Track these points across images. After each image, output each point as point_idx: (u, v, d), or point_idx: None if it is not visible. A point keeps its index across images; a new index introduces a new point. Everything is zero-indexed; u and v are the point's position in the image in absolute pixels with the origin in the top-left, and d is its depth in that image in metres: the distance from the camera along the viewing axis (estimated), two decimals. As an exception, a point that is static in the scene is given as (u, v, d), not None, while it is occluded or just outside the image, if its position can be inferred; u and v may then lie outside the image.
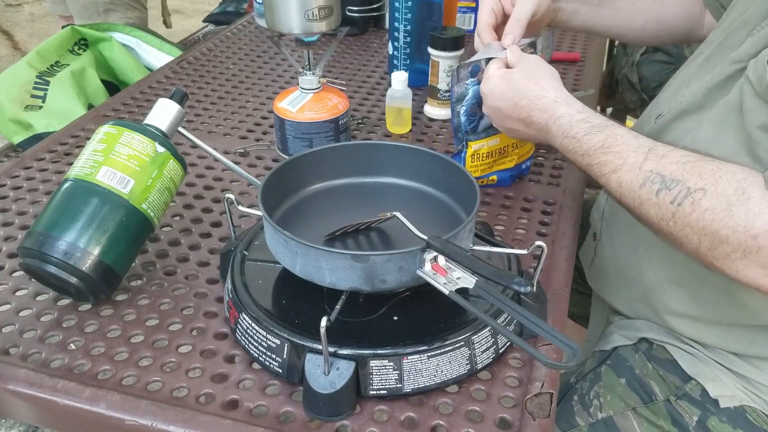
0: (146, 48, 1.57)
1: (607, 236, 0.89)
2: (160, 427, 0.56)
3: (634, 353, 0.83)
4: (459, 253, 0.56)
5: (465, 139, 0.84)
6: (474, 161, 0.86)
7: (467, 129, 0.83)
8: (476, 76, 0.79)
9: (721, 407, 0.76)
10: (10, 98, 1.30)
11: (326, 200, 0.73)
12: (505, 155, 0.89)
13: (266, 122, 1.09)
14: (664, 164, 0.61)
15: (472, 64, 0.79)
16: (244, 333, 0.62)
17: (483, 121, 0.83)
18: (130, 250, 0.69)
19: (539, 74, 0.73)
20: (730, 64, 0.69)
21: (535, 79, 0.72)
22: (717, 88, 0.70)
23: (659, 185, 0.60)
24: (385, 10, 1.44)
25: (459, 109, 0.82)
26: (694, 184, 0.58)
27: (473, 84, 0.80)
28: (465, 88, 0.80)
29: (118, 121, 0.70)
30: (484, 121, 0.83)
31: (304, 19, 0.86)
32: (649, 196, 0.61)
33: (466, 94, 0.80)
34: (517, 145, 0.89)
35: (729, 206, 0.56)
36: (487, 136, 0.85)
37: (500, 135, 0.85)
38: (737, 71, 0.68)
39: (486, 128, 0.84)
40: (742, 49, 0.68)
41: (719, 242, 0.57)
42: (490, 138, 0.85)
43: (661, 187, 0.60)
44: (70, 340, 0.65)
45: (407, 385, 0.58)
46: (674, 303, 0.79)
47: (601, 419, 0.79)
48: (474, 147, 0.85)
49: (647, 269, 0.80)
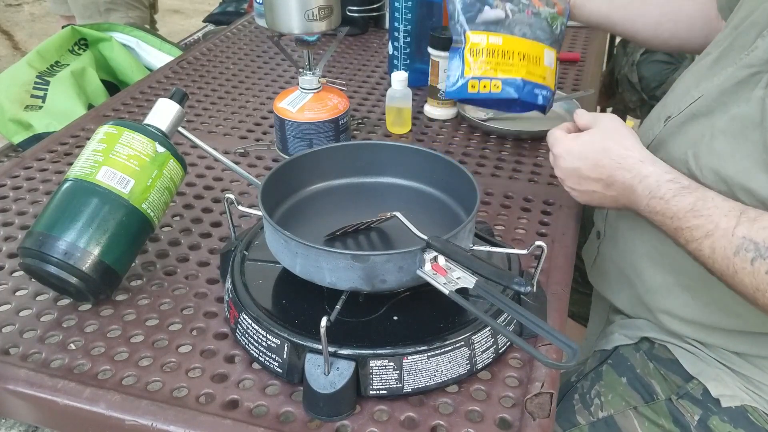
0: (146, 48, 1.57)
1: (610, 236, 0.89)
2: (160, 427, 0.56)
3: (635, 352, 0.83)
4: (459, 253, 0.56)
5: (463, 30, 0.78)
6: (474, 56, 0.79)
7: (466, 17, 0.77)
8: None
9: (723, 407, 0.76)
10: (10, 98, 1.30)
11: (326, 200, 0.73)
12: (510, 60, 0.81)
13: (266, 122, 1.09)
14: (757, 230, 0.58)
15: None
16: (244, 333, 0.62)
17: (482, 15, 0.78)
18: (130, 250, 0.69)
19: (621, 134, 0.70)
20: (742, 69, 0.68)
21: (616, 138, 0.70)
22: (728, 92, 0.69)
23: (753, 253, 0.58)
24: (385, 10, 1.45)
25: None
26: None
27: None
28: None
29: (118, 121, 0.70)
30: (483, 15, 0.78)
31: (304, 19, 0.86)
32: (744, 264, 0.58)
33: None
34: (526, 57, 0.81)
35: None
36: (488, 31, 0.78)
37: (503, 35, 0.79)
38: (750, 76, 0.67)
39: (485, 23, 0.78)
40: (756, 54, 0.67)
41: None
42: (490, 33, 0.78)
43: (756, 256, 0.57)
44: (70, 340, 0.65)
45: (407, 385, 0.58)
46: (676, 306, 0.79)
47: (602, 418, 0.79)
48: (473, 38, 0.78)
49: (649, 271, 0.80)
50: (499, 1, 0.79)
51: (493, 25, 0.80)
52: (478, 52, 0.79)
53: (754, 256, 0.57)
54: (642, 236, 0.81)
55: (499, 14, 0.80)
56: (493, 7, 0.79)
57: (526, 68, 0.83)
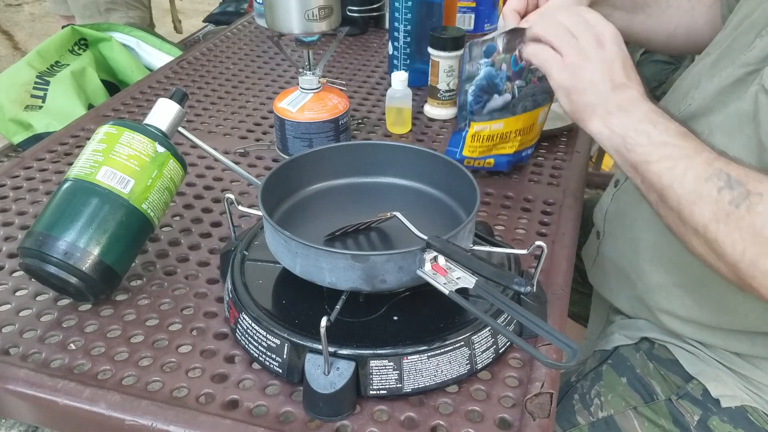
0: (146, 48, 1.57)
1: (609, 236, 0.89)
2: (160, 427, 0.56)
3: (635, 353, 0.83)
4: (459, 253, 0.56)
5: (468, 119, 0.82)
6: (473, 141, 0.84)
7: (473, 109, 0.81)
8: (491, 57, 0.77)
9: (723, 407, 0.76)
10: (10, 98, 1.30)
11: (326, 200, 0.73)
12: (506, 140, 0.87)
13: (266, 122, 1.09)
14: (733, 167, 0.59)
15: (486, 43, 0.76)
16: (244, 333, 0.62)
17: (489, 103, 0.81)
18: (130, 250, 0.69)
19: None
20: (739, 68, 0.68)
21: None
22: (726, 92, 0.69)
23: (724, 183, 0.58)
24: (385, 10, 1.44)
25: (468, 87, 0.79)
26: (754, 188, 0.56)
27: (486, 65, 0.77)
28: (477, 67, 0.78)
29: (118, 121, 0.70)
30: (491, 104, 0.81)
31: (304, 19, 0.86)
32: (711, 191, 0.58)
33: (477, 74, 0.78)
34: (521, 132, 0.86)
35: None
36: (492, 119, 0.83)
37: (505, 120, 0.83)
38: (746, 75, 0.67)
39: (492, 111, 0.82)
40: (752, 53, 0.67)
41: (764, 254, 0.55)
42: (494, 121, 0.83)
43: (725, 186, 0.57)
44: (70, 340, 0.65)
45: (407, 385, 0.58)
46: (676, 306, 0.79)
47: (602, 418, 0.79)
48: (476, 128, 0.83)
49: (649, 271, 0.80)
50: (508, 83, 0.81)
51: (498, 112, 0.83)
52: (478, 138, 0.85)
53: (722, 186, 0.57)
54: (641, 235, 0.81)
55: (507, 99, 0.82)
56: (502, 93, 0.81)
57: (520, 140, 0.89)
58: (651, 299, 0.82)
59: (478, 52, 0.77)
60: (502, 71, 0.79)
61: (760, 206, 0.55)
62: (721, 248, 0.57)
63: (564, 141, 1.04)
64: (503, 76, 0.80)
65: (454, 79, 1.07)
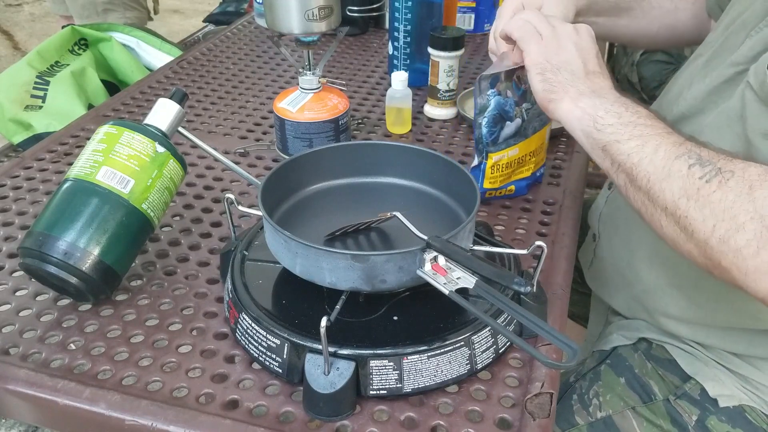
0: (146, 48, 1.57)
1: (605, 238, 0.89)
2: (160, 427, 0.56)
3: (634, 353, 0.83)
4: (459, 253, 0.56)
5: (485, 151, 0.82)
6: (494, 173, 0.85)
7: (488, 141, 0.81)
8: (495, 87, 0.78)
9: (720, 407, 0.76)
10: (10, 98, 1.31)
11: (326, 200, 0.73)
12: (523, 164, 0.87)
13: (266, 122, 1.09)
14: (702, 148, 0.58)
15: (491, 76, 0.77)
16: (244, 333, 0.62)
17: (503, 131, 0.82)
18: (130, 250, 0.69)
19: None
20: (729, 67, 0.69)
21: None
22: (716, 91, 0.70)
23: (695, 160, 0.57)
24: (385, 10, 1.44)
25: (481, 120, 0.80)
26: (724, 166, 0.56)
27: (494, 95, 0.78)
28: (487, 99, 0.78)
29: (118, 121, 0.70)
30: (504, 132, 0.82)
31: (304, 19, 0.86)
32: (680, 167, 0.57)
33: (488, 106, 0.79)
34: (534, 153, 0.87)
35: (751, 189, 0.53)
36: (507, 147, 0.83)
37: (519, 144, 0.84)
38: (736, 74, 0.68)
39: (506, 138, 0.83)
40: (741, 52, 0.67)
41: (735, 230, 0.53)
42: (509, 148, 0.84)
43: (695, 162, 0.57)
44: (70, 340, 0.65)
45: (407, 385, 0.58)
46: (672, 307, 0.79)
47: (601, 418, 0.79)
48: (494, 158, 0.83)
49: (645, 273, 0.80)
50: (516, 107, 0.81)
51: (512, 138, 0.83)
52: (497, 168, 0.85)
53: (693, 163, 0.57)
54: (635, 236, 0.81)
55: (518, 123, 0.83)
56: (513, 119, 0.82)
57: (535, 162, 0.89)
58: (647, 300, 0.82)
59: (485, 85, 0.78)
60: (510, 98, 0.80)
61: (732, 181, 0.54)
62: (692, 225, 0.56)
63: (564, 141, 1.04)
64: (511, 103, 0.80)
65: (455, 79, 1.07)
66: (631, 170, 0.61)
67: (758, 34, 0.66)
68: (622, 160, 0.62)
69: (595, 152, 0.65)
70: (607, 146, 0.63)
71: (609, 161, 0.63)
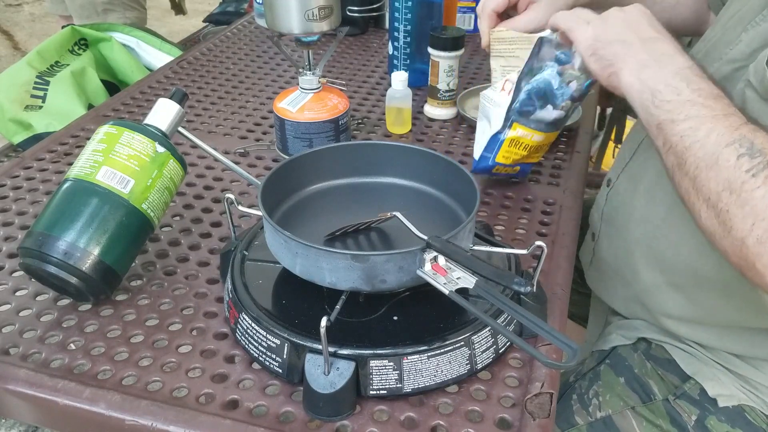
0: (146, 48, 1.57)
1: (605, 237, 0.89)
2: (160, 427, 0.56)
3: (633, 353, 0.83)
4: (459, 253, 0.56)
5: (512, 119, 0.77)
6: (511, 147, 0.79)
7: (521, 109, 0.76)
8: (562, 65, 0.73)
9: (720, 406, 0.76)
10: (10, 98, 1.30)
11: (326, 200, 0.73)
12: (538, 152, 0.84)
13: (266, 122, 1.09)
14: (757, 135, 0.55)
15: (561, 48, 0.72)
16: (244, 333, 0.62)
17: (541, 112, 0.76)
18: (130, 250, 0.69)
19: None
20: (726, 64, 0.69)
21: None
22: None
23: (745, 150, 0.54)
24: (385, 10, 1.45)
25: (524, 84, 0.74)
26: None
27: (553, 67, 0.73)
28: (542, 65, 0.73)
29: (118, 121, 0.70)
30: (541, 113, 0.76)
31: (304, 19, 0.86)
32: (729, 156, 0.55)
33: (539, 73, 0.73)
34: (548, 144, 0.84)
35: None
36: (537, 129, 0.78)
37: (547, 134, 0.79)
38: (734, 71, 0.67)
39: (539, 121, 0.77)
40: (738, 49, 0.67)
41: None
42: (537, 132, 0.78)
43: (745, 153, 0.54)
44: (70, 340, 0.65)
45: (407, 385, 0.58)
46: (671, 306, 0.79)
47: (600, 418, 0.79)
48: (519, 132, 0.77)
49: (644, 272, 0.80)
50: (569, 101, 0.76)
51: (545, 124, 0.78)
52: (517, 144, 0.80)
53: (743, 152, 0.54)
54: (634, 235, 0.81)
55: (559, 116, 0.78)
56: (557, 108, 0.76)
57: (545, 150, 0.86)
58: (646, 299, 0.82)
59: (549, 51, 0.73)
60: (569, 87, 0.75)
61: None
62: (731, 221, 0.54)
63: (564, 141, 1.04)
64: (567, 93, 0.75)
65: (455, 79, 1.07)
66: (681, 153, 0.59)
67: (754, 29, 0.66)
68: (674, 141, 0.59)
69: (651, 129, 0.62)
70: (662, 124, 0.60)
71: (662, 140, 0.61)
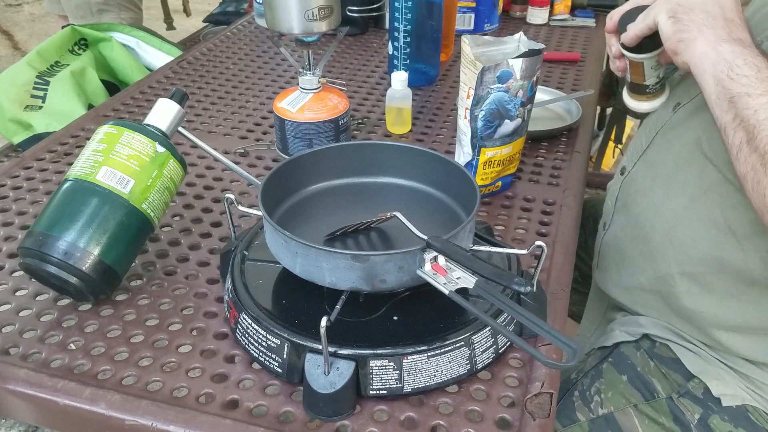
0: (146, 48, 1.57)
1: (617, 225, 0.88)
2: (160, 427, 0.56)
3: (636, 351, 0.83)
4: (459, 253, 0.56)
5: (478, 146, 0.81)
6: (486, 168, 0.84)
7: (483, 135, 0.80)
8: (506, 83, 0.76)
9: (723, 406, 0.76)
10: (10, 98, 1.30)
11: (326, 200, 0.73)
12: (512, 162, 0.87)
13: (266, 122, 1.09)
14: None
15: (500, 69, 0.76)
16: (244, 333, 0.62)
17: (500, 129, 0.80)
18: (130, 250, 0.69)
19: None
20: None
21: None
22: None
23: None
24: (385, 10, 1.44)
25: (477, 113, 0.79)
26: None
27: (498, 90, 0.77)
28: (488, 90, 0.77)
29: (118, 121, 0.70)
30: (501, 129, 0.81)
31: (304, 19, 0.86)
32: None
33: (487, 99, 0.77)
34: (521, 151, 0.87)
35: None
36: (503, 144, 0.82)
37: (513, 143, 0.83)
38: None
39: (503, 136, 0.82)
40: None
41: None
42: (504, 146, 0.83)
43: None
44: (70, 340, 0.65)
45: (407, 385, 0.58)
46: (685, 297, 0.78)
47: (602, 415, 0.79)
48: (488, 154, 0.82)
49: (660, 260, 0.80)
50: (521, 108, 0.80)
51: (508, 137, 0.82)
52: (490, 164, 0.84)
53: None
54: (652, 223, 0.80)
55: (518, 123, 0.81)
56: (513, 119, 0.80)
57: (518, 158, 0.89)
58: (660, 288, 0.81)
59: (490, 77, 0.76)
60: (518, 98, 0.78)
61: None
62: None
63: (564, 141, 1.04)
64: (517, 102, 0.79)
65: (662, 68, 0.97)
66: (753, 128, 0.58)
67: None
68: (747, 115, 0.58)
69: (721, 103, 0.61)
70: (735, 98, 0.59)
71: (732, 114, 0.60)
